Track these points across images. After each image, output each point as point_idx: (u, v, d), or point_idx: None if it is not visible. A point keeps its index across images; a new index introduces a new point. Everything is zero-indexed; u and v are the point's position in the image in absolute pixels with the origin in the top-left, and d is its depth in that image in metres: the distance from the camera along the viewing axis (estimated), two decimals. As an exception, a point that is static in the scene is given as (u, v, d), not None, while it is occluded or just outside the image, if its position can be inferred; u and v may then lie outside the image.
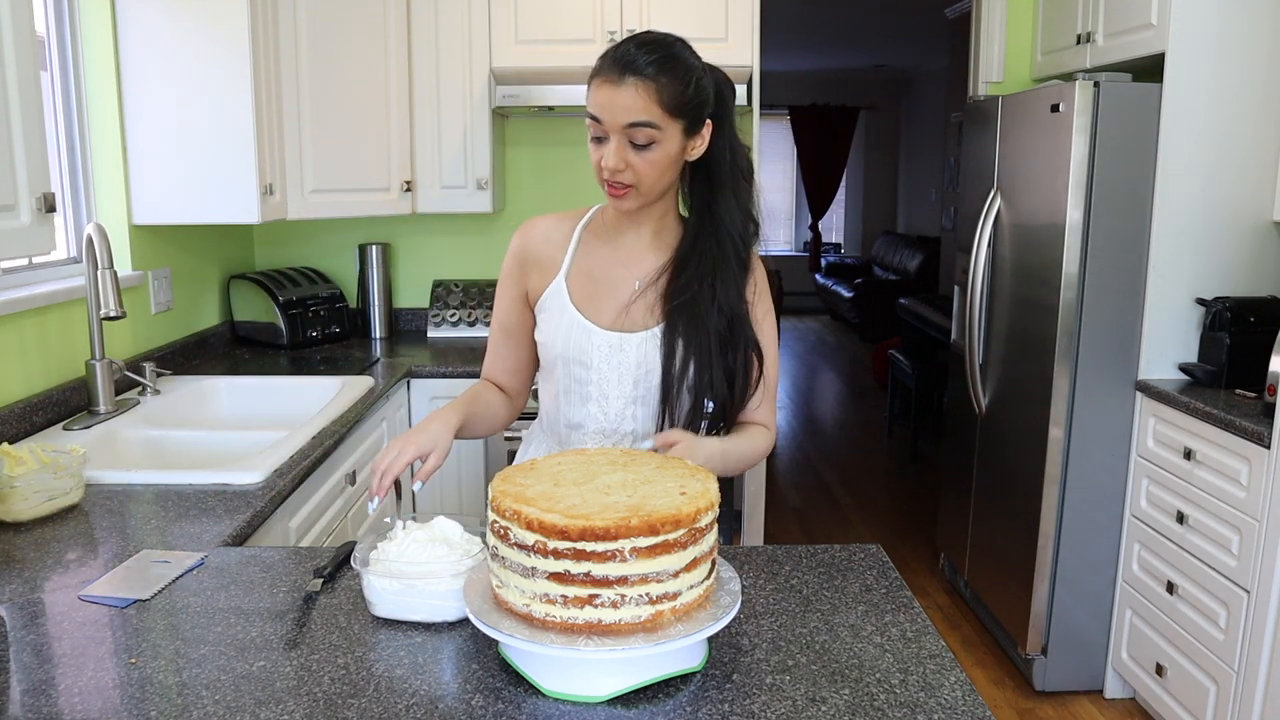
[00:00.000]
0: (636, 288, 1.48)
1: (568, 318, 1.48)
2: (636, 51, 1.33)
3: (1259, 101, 2.57)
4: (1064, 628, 2.83)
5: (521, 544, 1.01)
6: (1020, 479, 2.90)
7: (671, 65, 1.34)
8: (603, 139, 1.36)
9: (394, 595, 1.18)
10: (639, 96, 1.32)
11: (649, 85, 1.32)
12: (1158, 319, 2.65)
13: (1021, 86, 3.44)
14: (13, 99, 1.49)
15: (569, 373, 1.50)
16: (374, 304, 3.35)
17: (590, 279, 1.50)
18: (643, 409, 1.49)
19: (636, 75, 1.32)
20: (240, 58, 2.45)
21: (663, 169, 1.38)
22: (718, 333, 1.43)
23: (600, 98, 1.34)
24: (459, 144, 3.09)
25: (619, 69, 1.32)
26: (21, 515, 1.55)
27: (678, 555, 1.01)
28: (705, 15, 3.03)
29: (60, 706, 1.02)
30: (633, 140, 1.34)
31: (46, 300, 2.10)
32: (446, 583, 1.17)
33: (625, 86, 1.32)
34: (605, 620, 1.00)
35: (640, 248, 1.50)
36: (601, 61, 1.35)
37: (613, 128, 1.34)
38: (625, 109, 1.32)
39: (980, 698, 1.04)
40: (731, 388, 1.46)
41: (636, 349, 1.47)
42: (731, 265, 1.45)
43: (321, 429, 2.09)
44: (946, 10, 6.15)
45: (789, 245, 11.28)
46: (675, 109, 1.34)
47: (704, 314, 1.43)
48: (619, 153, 1.34)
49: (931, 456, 5.27)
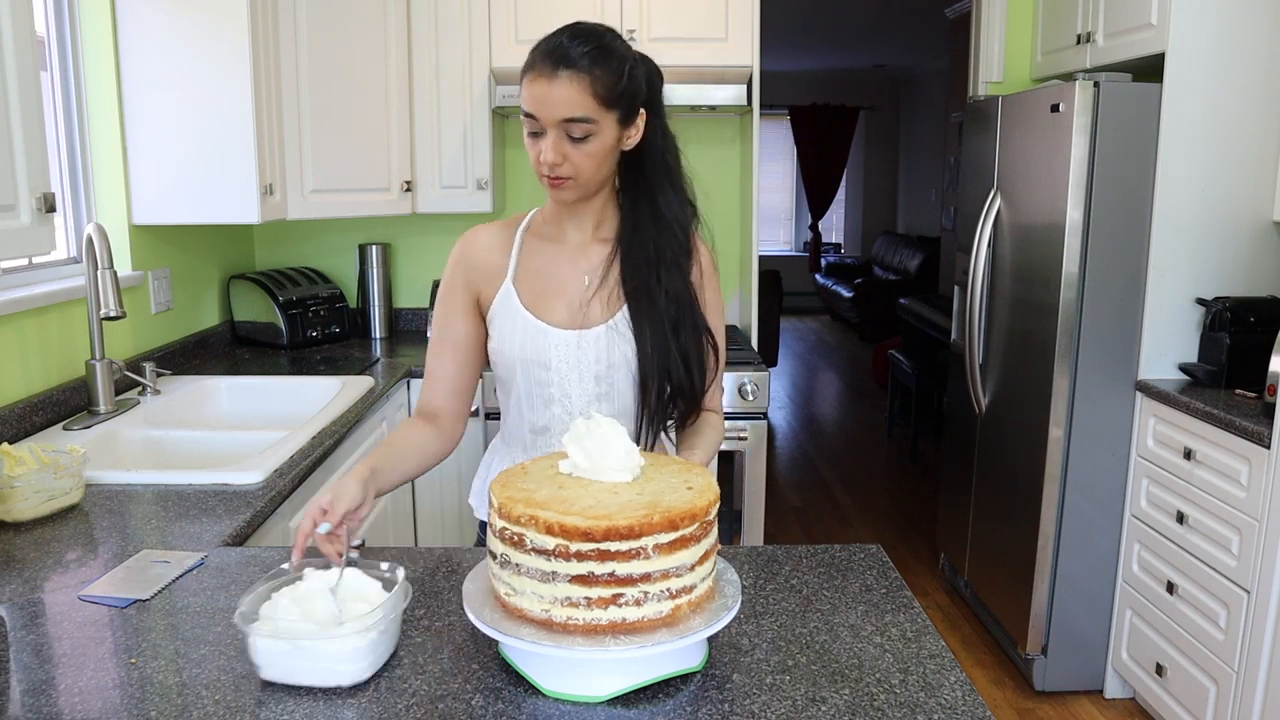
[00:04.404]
0: (586, 282, 1.47)
1: (521, 321, 1.46)
2: (570, 44, 1.31)
3: (1259, 101, 2.57)
4: (1064, 628, 2.83)
5: (541, 549, 0.99)
6: (1020, 479, 2.90)
7: (605, 57, 1.33)
8: (539, 134, 1.34)
9: (280, 656, 1.03)
10: (574, 90, 1.30)
11: (583, 78, 1.31)
12: (1158, 319, 2.65)
13: (1021, 86, 3.44)
14: (13, 99, 1.49)
15: (529, 375, 1.48)
16: (374, 304, 3.35)
17: (538, 278, 1.48)
18: (606, 404, 1.48)
19: (570, 68, 1.30)
20: (240, 58, 2.45)
21: (600, 160, 1.37)
22: (669, 318, 1.43)
23: (535, 92, 1.32)
24: (459, 144, 3.09)
25: (552, 63, 1.30)
26: (21, 515, 1.55)
27: (693, 549, 1.03)
28: (705, 15, 3.03)
29: (60, 706, 1.02)
30: (569, 134, 1.33)
31: (46, 300, 2.10)
32: (340, 642, 1.03)
33: (559, 80, 1.30)
34: (629, 618, 1.00)
35: (583, 241, 1.49)
36: (534, 55, 1.33)
37: (549, 122, 1.32)
38: (561, 103, 1.31)
39: (980, 698, 1.04)
40: (689, 373, 1.45)
41: (594, 344, 1.45)
42: (674, 251, 1.44)
43: (321, 429, 2.09)
44: (946, 10, 6.15)
45: (789, 245, 11.28)
46: (610, 100, 1.33)
47: (655, 300, 1.43)
48: (556, 147, 1.34)
49: (931, 456, 5.27)
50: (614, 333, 1.45)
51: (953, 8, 6.00)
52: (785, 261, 10.79)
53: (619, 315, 1.46)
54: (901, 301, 6.13)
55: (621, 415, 1.48)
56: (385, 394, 2.57)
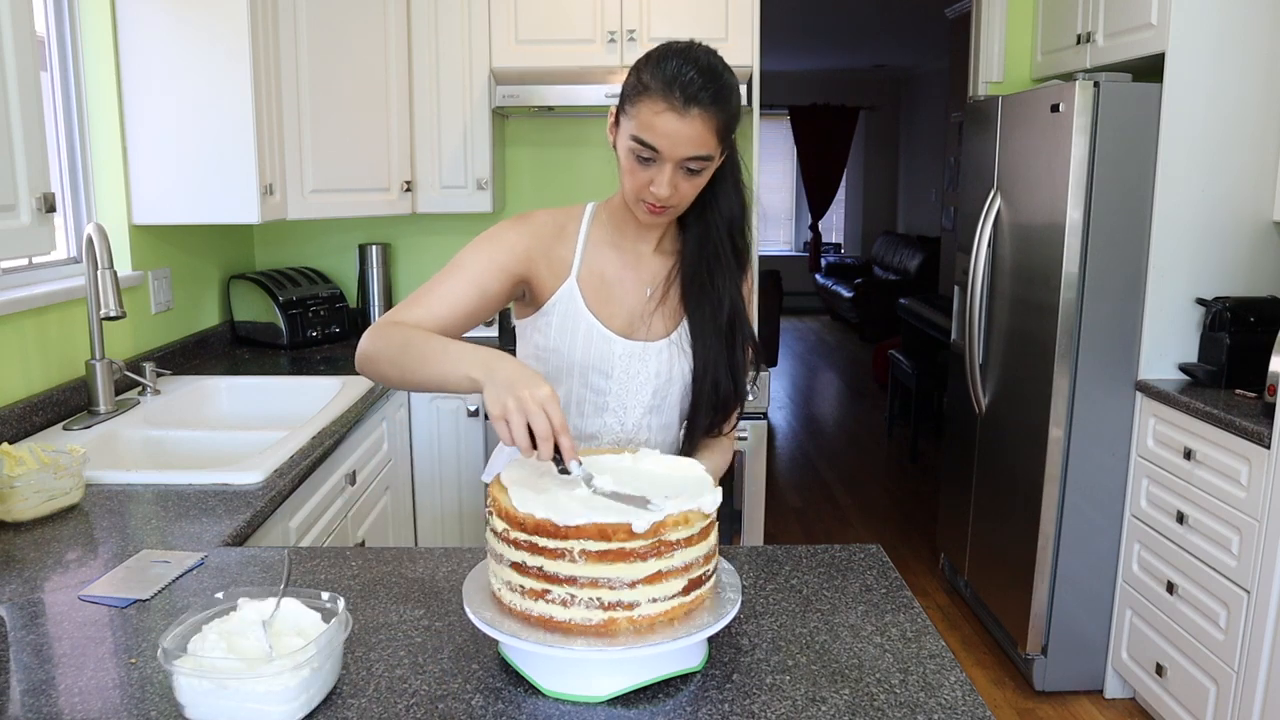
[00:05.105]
0: (649, 294, 1.46)
1: (585, 324, 1.42)
2: (701, 81, 1.26)
3: (1259, 101, 2.57)
4: (1064, 628, 2.83)
5: (494, 529, 1.06)
6: (1020, 479, 2.90)
7: (728, 93, 1.30)
8: (650, 162, 1.30)
9: (205, 696, 0.96)
10: (703, 129, 1.27)
11: (711, 119, 1.27)
12: (1158, 319, 2.65)
13: (1021, 86, 3.43)
14: (13, 99, 1.49)
15: (586, 381, 1.45)
16: (374, 304, 3.35)
17: (602, 283, 1.45)
18: (656, 418, 1.48)
19: (699, 106, 1.26)
20: (240, 58, 2.45)
21: (700, 188, 1.36)
22: (726, 332, 1.43)
23: (664, 127, 1.26)
24: (459, 144, 3.09)
25: (683, 99, 1.25)
26: (21, 515, 1.55)
27: (635, 565, 0.99)
28: (705, 15, 3.03)
29: (60, 706, 1.02)
30: (686, 168, 1.31)
31: (46, 300, 2.10)
32: (268, 681, 0.95)
33: (690, 119, 1.26)
34: (556, 617, 1.01)
35: (646, 253, 1.47)
36: (657, 83, 1.27)
37: (671, 158, 1.29)
38: (689, 141, 1.27)
39: (980, 698, 1.04)
40: (736, 385, 1.45)
41: (657, 357, 1.44)
42: (734, 262, 1.44)
43: (321, 429, 2.09)
44: (946, 10, 6.15)
45: (789, 245, 11.28)
46: (725, 135, 1.32)
47: (717, 314, 1.43)
48: (672, 182, 1.31)
49: (931, 456, 5.27)
50: (675, 347, 1.45)
51: (953, 8, 6.00)
52: (785, 261, 10.79)
53: (680, 330, 1.46)
54: (901, 301, 6.14)
55: (667, 426, 1.49)
56: (385, 394, 2.57)
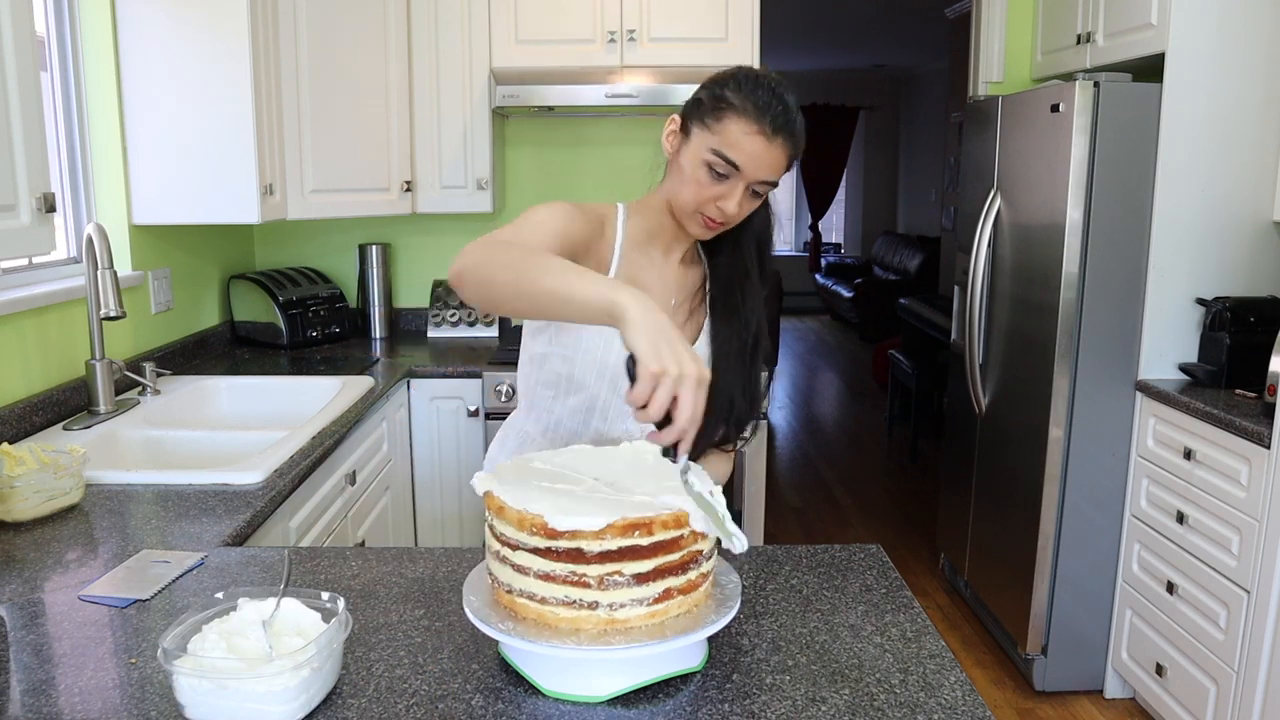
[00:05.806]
0: (674, 304, 1.45)
1: None
2: (789, 115, 1.29)
3: (1259, 101, 2.57)
4: (1064, 628, 2.83)
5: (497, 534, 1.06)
6: (1020, 479, 2.90)
7: (802, 129, 1.32)
8: (726, 177, 1.31)
9: (205, 696, 0.96)
10: (783, 157, 1.30)
11: (789, 149, 1.31)
12: (1158, 319, 2.65)
13: (1021, 86, 3.44)
14: (13, 99, 1.49)
15: (615, 388, 1.44)
16: (374, 304, 3.35)
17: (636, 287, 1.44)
18: None
19: (784, 137, 1.29)
20: (240, 58, 2.45)
21: (754, 209, 1.38)
22: (749, 345, 1.43)
23: (752, 149, 1.28)
24: (459, 144, 3.09)
25: (773, 126, 1.28)
26: (21, 515, 1.55)
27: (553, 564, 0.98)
28: (705, 15, 3.03)
29: (60, 706, 1.02)
30: (755, 190, 1.33)
31: (46, 300, 2.10)
32: (268, 681, 0.95)
33: (775, 145, 1.29)
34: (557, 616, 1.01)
35: (674, 262, 1.47)
36: (751, 107, 1.28)
37: (750, 178, 1.31)
38: (769, 166, 1.30)
39: (980, 698, 1.04)
40: (753, 404, 1.45)
41: None
42: (757, 277, 1.45)
43: (321, 429, 2.09)
44: (946, 10, 6.15)
45: (789, 245, 11.28)
46: (791, 165, 1.34)
47: (743, 327, 1.43)
48: (742, 200, 1.33)
49: (931, 456, 5.27)
50: None
51: (953, 8, 6.00)
52: (785, 261, 10.80)
53: (700, 341, 1.46)
54: (901, 301, 6.13)
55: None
56: (385, 394, 2.57)
